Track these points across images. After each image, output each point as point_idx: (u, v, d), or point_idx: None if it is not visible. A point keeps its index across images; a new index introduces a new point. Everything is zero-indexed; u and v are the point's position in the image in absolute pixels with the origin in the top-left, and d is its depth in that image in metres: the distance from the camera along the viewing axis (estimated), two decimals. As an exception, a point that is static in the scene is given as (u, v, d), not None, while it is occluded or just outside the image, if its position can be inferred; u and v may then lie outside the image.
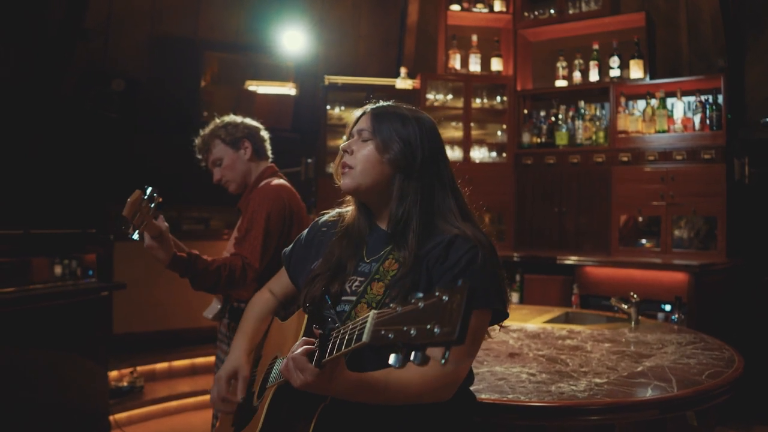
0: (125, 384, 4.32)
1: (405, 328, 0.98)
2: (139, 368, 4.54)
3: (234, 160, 2.65)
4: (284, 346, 1.57)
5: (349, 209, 1.65)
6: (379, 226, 1.57)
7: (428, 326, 0.94)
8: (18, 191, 4.55)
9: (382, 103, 1.59)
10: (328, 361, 1.22)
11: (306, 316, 1.48)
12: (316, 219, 1.76)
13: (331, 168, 5.34)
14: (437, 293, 0.96)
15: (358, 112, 1.60)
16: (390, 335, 1.00)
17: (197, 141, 2.70)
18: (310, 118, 5.67)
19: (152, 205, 2.11)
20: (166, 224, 2.14)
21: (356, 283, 1.50)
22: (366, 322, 1.09)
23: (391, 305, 1.04)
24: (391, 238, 1.51)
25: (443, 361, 0.93)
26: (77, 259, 3.87)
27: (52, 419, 3.37)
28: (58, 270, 3.77)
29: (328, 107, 5.49)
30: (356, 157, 1.52)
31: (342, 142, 1.59)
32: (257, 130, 2.74)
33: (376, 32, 6.28)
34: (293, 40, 5.33)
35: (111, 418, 3.92)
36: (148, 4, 5.24)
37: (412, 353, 0.96)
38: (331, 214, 1.71)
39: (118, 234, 2.08)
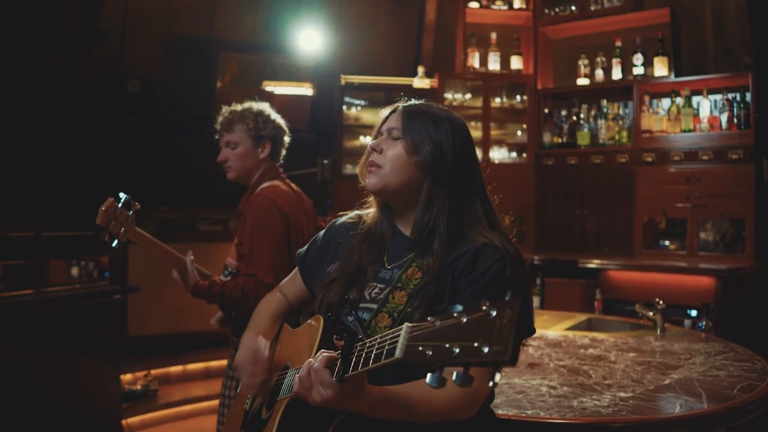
0: (139, 387, 4.28)
1: (447, 345, 0.89)
2: (153, 371, 4.49)
3: (248, 153, 2.56)
4: (296, 356, 1.50)
5: (369, 211, 1.58)
6: (402, 231, 1.50)
7: (475, 344, 0.85)
8: (31, 193, 4.53)
9: (413, 101, 1.52)
10: (351, 377, 1.13)
11: (321, 323, 1.40)
12: (333, 220, 1.68)
13: (348, 169, 5.29)
14: (484, 307, 0.87)
15: (387, 110, 1.53)
16: (428, 352, 0.92)
17: (224, 112, 2.60)
18: (327, 119, 5.60)
19: (130, 212, 2.13)
20: (192, 258, 2.35)
21: (376, 290, 1.43)
22: (398, 336, 1.00)
23: (429, 318, 0.95)
24: (415, 245, 1.43)
25: (491, 383, 0.86)
26: (94, 261, 3.84)
27: (63, 422, 3.33)
28: (75, 271, 3.74)
29: (344, 107, 5.42)
30: (385, 156, 1.45)
31: (359, 141, 1.52)
32: (283, 134, 2.67)
33: (395, 31, 6.19)
34: (310, 39, 5.28)
35: (124, 422, 3.89)
36: (163, 4, 5.19)
37: (455, 373, 0.88)
38: (350, 215, 1.63)
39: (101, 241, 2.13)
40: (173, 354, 4.77)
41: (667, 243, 4.71)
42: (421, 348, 0.93)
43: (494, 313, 0.85)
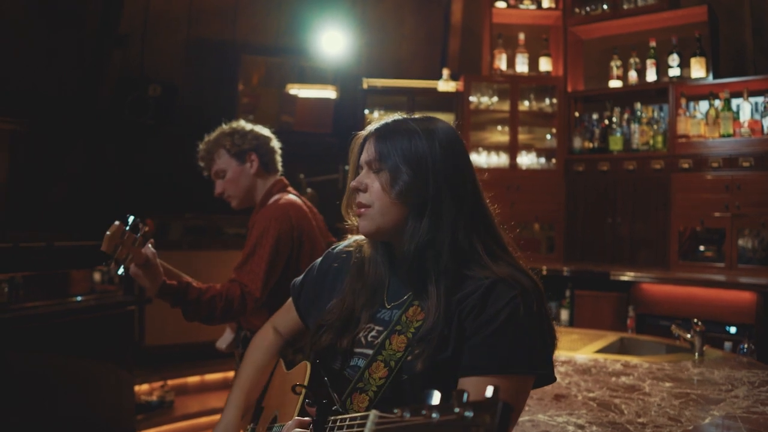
0: (155, 398, 4.18)
1: None
2: (170, 382, 4.37)
3: (238, 174, 2.45)
4: (285, 404, 1.38)
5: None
6: (401, 266, 1.31)
7: None
8: (49, 201, 4.48)
9: (386, 121, 1.31)
10: None
11: (307, 375, 1.28)
12: (331, 248, 1.52)
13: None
14: (457, 409, 0.73)
15: (360, 138, 1.33)
16: None
17: (201, 147, 2.49)
18: (351, 122, 5.47)
19: (138, 235, 1.97)
20: (153, 251, 2.03)
21: (373, 333, 1.27)
22: (365, 425, 0.87)
23: (396, 411, 0.81)
24: (409, 284, 1.27)
25: None
26: (108, 271, 3.77)
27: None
28: (88, 282, 3.68)
29: (367, 111, 5.29)
30: (372, 193, 1.26)
31: (350, 175, 1.34)
32: (267, 140, 2.52)
33: (421, 32, 6.03)
34: (334, 41, 5.15)
35: (138, 434, 3.80)
36: (184, 8, 5.12)
37: None
38: (348, 242, 1.46)
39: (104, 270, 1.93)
40: (191, 363, 4.65)
41: (703, 250, 4.48)
42: None
43: (469, 415, 0.72)
